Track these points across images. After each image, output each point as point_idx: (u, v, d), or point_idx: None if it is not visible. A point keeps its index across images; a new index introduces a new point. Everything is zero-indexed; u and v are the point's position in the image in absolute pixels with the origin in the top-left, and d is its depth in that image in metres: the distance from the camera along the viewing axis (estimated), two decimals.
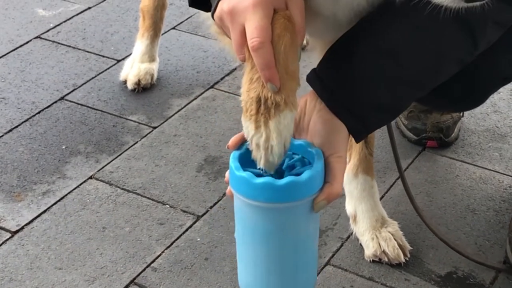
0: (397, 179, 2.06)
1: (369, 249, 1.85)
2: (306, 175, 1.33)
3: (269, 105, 1.33)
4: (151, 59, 2.50)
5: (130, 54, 2.55)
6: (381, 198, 1.98)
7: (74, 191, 2.07)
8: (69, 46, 2.68)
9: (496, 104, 2.36)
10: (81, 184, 2.10)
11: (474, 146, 2.21)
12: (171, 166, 2.16)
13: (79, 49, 2.67)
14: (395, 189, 2.04)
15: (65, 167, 2.16)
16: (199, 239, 1.93)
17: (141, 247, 1.90)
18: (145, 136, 2.27)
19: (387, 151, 2.14)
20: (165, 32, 2.71)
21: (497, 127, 2.28)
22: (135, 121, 2.33)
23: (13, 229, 1.96)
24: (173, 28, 2.78)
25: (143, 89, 2.45)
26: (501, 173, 2.11)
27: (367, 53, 1.46)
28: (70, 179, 2.11)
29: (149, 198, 2.05)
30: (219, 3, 1.37)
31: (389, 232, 1.85)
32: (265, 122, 1.34)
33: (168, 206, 2.03)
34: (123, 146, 2.24)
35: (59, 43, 2.70)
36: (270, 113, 1.33)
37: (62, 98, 2.43)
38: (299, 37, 1.37)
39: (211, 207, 2.02)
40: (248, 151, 1.38)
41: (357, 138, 1.51)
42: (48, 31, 2.77)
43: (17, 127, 2.31)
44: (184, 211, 2.01)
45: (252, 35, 1.31)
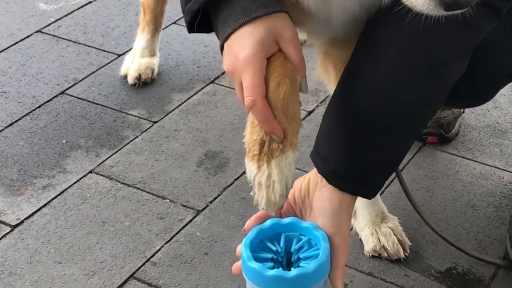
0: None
1: (369, 244, 1.85)
2: (313, 265, 1.40)
3: (273, 147, 1.37)
4: (152, 54, 2.50)
5: (130, 48, 2.54)
6: (381, 193, 1.98)
7: (74, 185, 2.07)
8: (70, 40, 2.68)
9: (496, 100, 2.35)
10: (81, 178, 2.10)
11: (474, 142, 2.21)
12: (171, 160, 2.16)
13: (80, 44, 2.66)
14: (395, 185, 2.04)
15: (65, 161, 2.16)
16: (198, 234, 1.93)
17: (141, 241, 1.90)
18: (145, 130, 2.27)
19: None
20: (166, 26, 2.70)
21: (498, 123, 2.28)
22: (135, 116, 2.33)
23: (13, 223, 1.96)
24: (174, 22, 2.78)
25: (143, 83, 2.45)
26: (502, 169, 2.11)
27: (357, 116, 1.45)
28: (70, 173, 2.11)
29: (149, 192, 2.05)
30: (223, 55, 1.40)
31: (389, 227, 1.85)
32: (268, 161, 1.37)
33: (168, 200, 2.03)
34: (124, 140, 2.24)
35: (60, 37, 2.69)
36: (273, 154, 1.37)
37: (62, 92, 2.43)
38: (299, 73, 1.39)
39: (211, 202, 2.02)
40: (258, 235, 1.47)
41: (369, 198, 1.54)
42: (49, 25, 2.76)
43: (17, 121, 2.31)
44: (184, 206, 2.01)
45: (246, 94, 1.35)
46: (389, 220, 1.87)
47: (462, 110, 2.25)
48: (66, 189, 2.06)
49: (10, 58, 2.59)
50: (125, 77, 2.48)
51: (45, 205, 2.01)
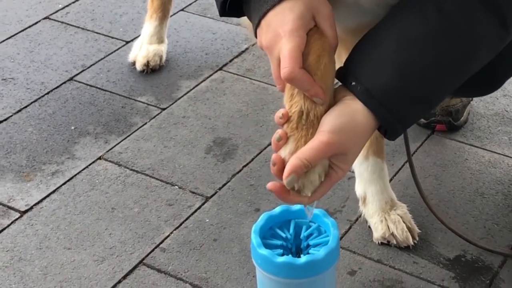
0: (406, 162, 2.06)
1: (378, 232, 1.85)
2: (323, 252, 1.42)
3: (311, 117, 1.36)
4: (160, 41, 2.49)
5: (138, 35, 2.54)
6: (390, 181, 1.98)
7: (83, 171, 2.08)
8: (78, 27, 2.68)
9: (505, 88, 2.35)
10: (90, 164, 2.10)
11: (483, 130, 2.21)
12: (180, 147, 2.16)
13: (88, 30, 2.66)
14: (404, 172, 2.04)
15: (74, 147, 2.16)
16: (207, 220, 1.93)
17: (150, 227, 1.91)
18: (154, 117, 2.27)
19: None
20: (174, 13, 2.70)
21: (507, 111, 2.28)
22: (144, 102, 2.33)
23: (22, 209, 1.96)
24: (182, 9, 2.78)
25: (151, 70, 2.45)
26: (510, 157, 2.11)
27: (393, 43, 1.41)
28: (79, 160, 2.12)
29: (158, 179, 2.05)
30: (259, 32, 1.40)
31: (398, 214, 1.85)
32: (305, 140, 1.36)
33: (177, 187, 2.03)
34: (132, 127, 2.24)
35: (68, 24, 2.69)
36: (313, 126, 1.36)
37: (71, 78, 2.43)
38: (333, 49, 1.39)
39: (220, 189, 2.02)
40: (267, 222, 1.49)
41: (392, 134, 1.45)
42: (57, 11, 2.76)
43: (26, 107, 2.31)
44: (192, 192, 2.01)
45: (283, 65, 1.35)
46: (398, 207, 1.87)
47: (471, 98, 2.25)
48: (75, 175, 2.07)
49: (18, 44, 2.59)
50: (133, 63, 2.48)
51: (54, 191, 2.02)
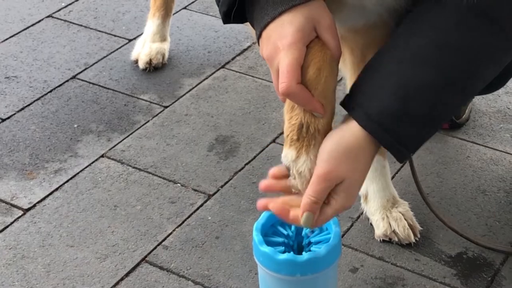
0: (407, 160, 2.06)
1: (380, 229, 1.85)
2: (324, 250, 1.43)
3: (312, 130, 1.37)
4: (162, 39, 2.50)
5: (141, 33, 2.55)
6: (392, 178, 1.98)
7: (86, 169, 2.09)
8: (81, 25, 2.69)
9: (507, 85, 2.34)
10: (92, 162, 2.11)
11: (485, 127, 2.21)
12: (182, 145, 2.16)
13: (91, 28, 2.67)
14: (405, 170, 2.04)
15: (77, 145, 2.17)
16: (210, 218, 1.93)
17: (153, 225, 1.91)
18: (156, 115, 2.28)
19: None
20: (176, 12, 2.71)
21: (508, 109, 2.28)
22: (146, 101, 2.34)
23: (25, 207, 1.97)
24: (184, 8, 2.78)
25: (154, 68, 2.46)
26: None
27: (391, 66, 1.41)
28: (82, 158, 2.12)
29: (160, 177, 2.06)
30: (260, 43, 1.39)
31: (400, 212, 1.85)
32: (307, 150, 1.38)
33: (179, 185, 2.03)
34: (135, 125, 2.24)
35: (70, 22, 2.70)
36: (314, 138, 1.37)
37: (73, 77, 2.44)
38: (336, 60, 1.39)
39: (222, 186, 2.03)
40: (269, 219, 1.49)
41: (397, 157, 1.43)
42: (59, 10, 2.77)
43: (29, 105, 2.32)
44: (195, 190, 2.02)
45: (280, 80, 1.35)
46: (400, 205, 1.87)
47: None
48: (78, 173, 2.07)
49: (21, 42, 2.60)
50: (136, 62, 2.48)
51: (57, 189, 2.02)
